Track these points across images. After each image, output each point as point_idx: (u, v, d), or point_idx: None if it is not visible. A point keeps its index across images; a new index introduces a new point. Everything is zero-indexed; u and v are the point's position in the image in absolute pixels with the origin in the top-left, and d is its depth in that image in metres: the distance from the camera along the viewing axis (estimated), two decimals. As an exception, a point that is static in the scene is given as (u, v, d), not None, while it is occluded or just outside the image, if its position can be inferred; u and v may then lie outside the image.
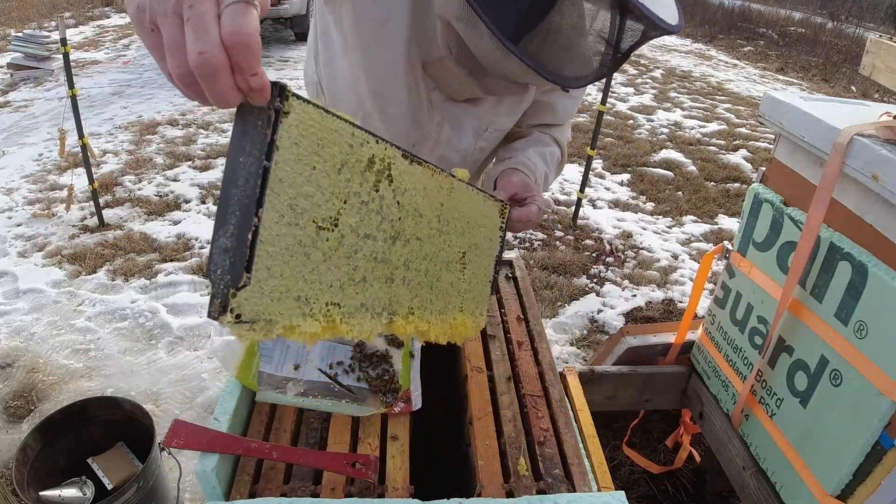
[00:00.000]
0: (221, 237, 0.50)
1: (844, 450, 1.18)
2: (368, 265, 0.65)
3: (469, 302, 0.85)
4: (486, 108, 1.03)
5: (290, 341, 0.86)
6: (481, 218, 0.83)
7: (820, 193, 1.19)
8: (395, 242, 0.68)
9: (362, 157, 0.61)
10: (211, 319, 0.50)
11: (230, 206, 0.50)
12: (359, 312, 0.66)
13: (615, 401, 1.86)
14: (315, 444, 0.79)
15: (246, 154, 0.50)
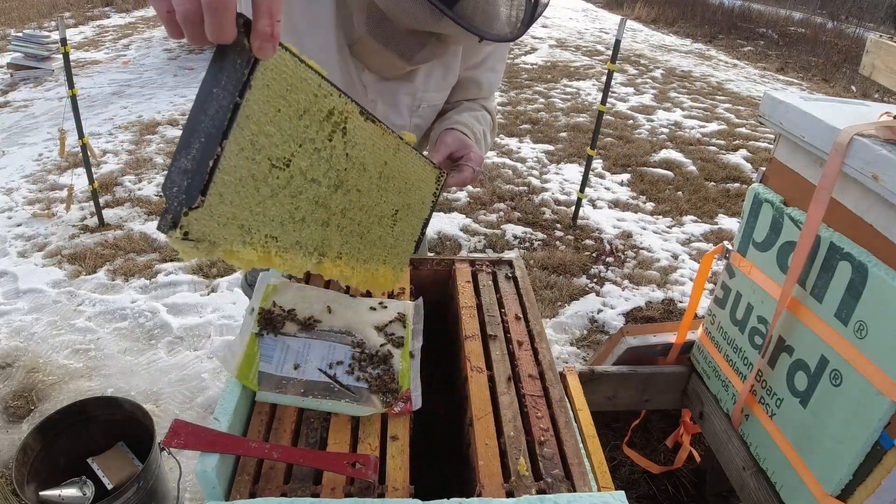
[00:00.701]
0: (183, 158, 0.53)
1: (844, 450, 1.18)
2: (309, 207, 0.71)
3: (393, 257, 0.93)
4: (418, 84, 1.09)
5: (290, 341, 0.86)
6: (419, 181, 0.90)
7: (820, 193, 1.19)
8: (336, 190, 0.74)
9: (324, 107, 0.67)
10: (160, 232, 0.54)
11: (196, 132, 0.53)
12: (293, 249, 0.72)
13: (615, 401, 1.86)
14: (315, 444, 0.79)
15: (220, 87, 0.53)
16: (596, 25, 11.23)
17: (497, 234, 3.66)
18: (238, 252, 0.63)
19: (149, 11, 10.25)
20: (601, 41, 9.72)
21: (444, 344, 1.10)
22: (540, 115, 6.00)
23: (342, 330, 0.90)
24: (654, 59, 8.98)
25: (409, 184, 0.88)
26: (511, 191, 4.26)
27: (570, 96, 6.73)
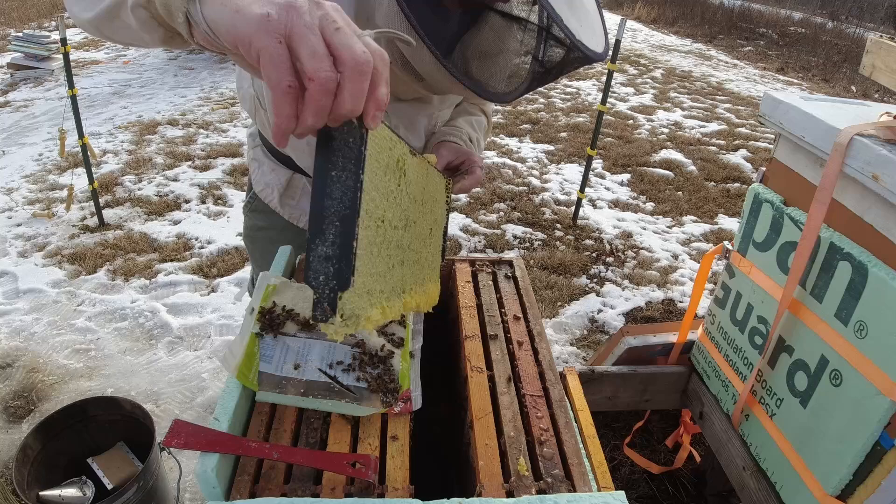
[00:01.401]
0: (321, 246, 0.53)
1: (844, 450, 1.18)
2: (395, 253, 0.73)
3: (434, 271, 0.96)
4: (435, 105, 1.09)
5: (290, 341, 0.86)
6: (439, 195, 0.94)
7: (820, 193, 1.19)
8: (406, 229, 0.76)
9: (394, 157, 0.69)
10: (318, 322, 0.55)
11: (327, 217, 0.53)
12: (393, 295, 0.73)
13: (615, 401, 1.86)
14: (315, 444, 0.79)
15: (339, 168, 0.53)
16: (596, 25, 11.21)
17: (497, 234, 3.66)
18: (370, 316, 0.63)
19: None
20: (601, 41, 9.70)
21: (444, 344, 1.10)
22: (540, 115, 6.00)
23: (342, 330, 0.90)
24: (654, 59, 8.98)
25: (435, 200, 0.92)
26: (511, 191, 4.26)
27: (570, 96, 6.73)
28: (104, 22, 0.61)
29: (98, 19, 0.61)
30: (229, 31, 0.45)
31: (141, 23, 0.55)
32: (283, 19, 0.44)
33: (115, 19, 0.60)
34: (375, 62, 0.46)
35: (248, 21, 0.44)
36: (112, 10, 0.59)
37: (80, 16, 0.63)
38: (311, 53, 0.43)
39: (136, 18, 0.55)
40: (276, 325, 0.88)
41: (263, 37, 0.43)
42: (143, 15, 0.55)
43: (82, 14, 0.63)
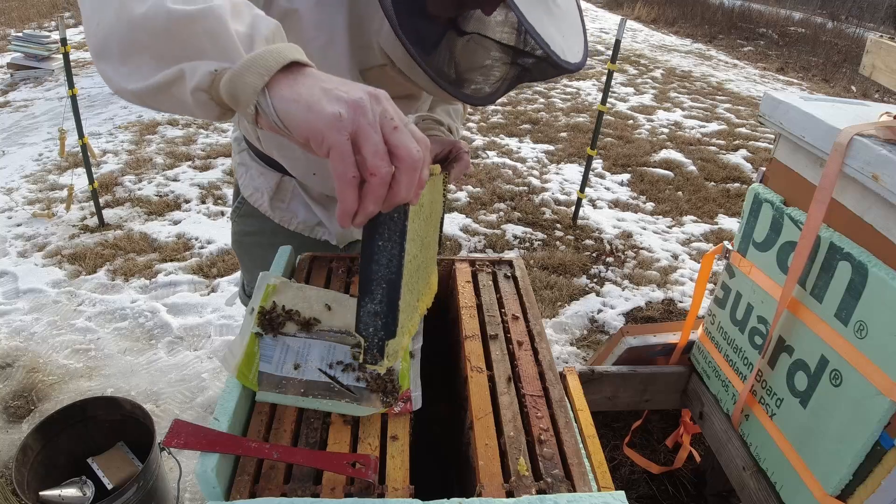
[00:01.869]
0: (369, 304, 0.63)
1: (844, 450, 1.18)
2: (416, 276, 0.76)
3: (433, 262, 0.98)
4: (422, 101, 1.13)
5: (290, 341, 0.86)
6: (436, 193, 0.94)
7: (819, 193, 1.19)
8: (422, 250, 0.79)
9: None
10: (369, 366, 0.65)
11: (375, 280, 0.62)
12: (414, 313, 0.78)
13: (615, 401, 1.86)
14: (315, 444, 0.79)
15: (385, 239, 0.61)
16: (596, 25, 11.23)
17: (497, 234, 3.66)
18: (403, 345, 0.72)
19: None
20: (601, 41, 9.72)
21: (444, 344, 1.10)
22: (540, 115, 6.00)
23: (342, 330, 0.90)
24: (654, 59, 8.98)
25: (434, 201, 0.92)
26: (511, 191, 4.26)
27: (570, 96, 6.73)
28: (152, 95, 0.58)
29: (146, 92, 0.58)
30: (302, 125, 0.49)
31: (199, 103, 0.55)
32: (352, 118, 0.49)
33: (164, 93, 0.57)
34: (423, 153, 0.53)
35: (322, 119, 0.49)
36: (164, 86, 0.57)
37: (124, 85, 0.59)
38: (373, 152, 0.50)
39: (195, 99, 0.55)
40: (276, 325, 0.88)
41: (335, 134, 0.49)
42: (204, 98, 0.55)
43: (126, 84, 0.58)
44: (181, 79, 0.54)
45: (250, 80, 0.50)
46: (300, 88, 0.51)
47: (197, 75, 0.52)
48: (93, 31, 0.59)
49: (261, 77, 0.50)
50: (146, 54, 0.57)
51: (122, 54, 0.58)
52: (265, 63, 0.50)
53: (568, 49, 0.76)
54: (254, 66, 0.50)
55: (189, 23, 0.53)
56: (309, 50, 0.89)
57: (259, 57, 0.51)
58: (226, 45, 0.52)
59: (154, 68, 0.56)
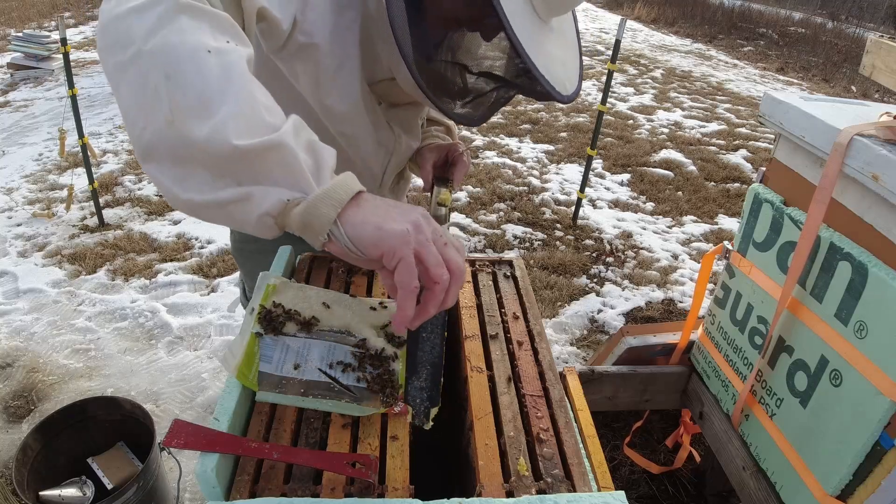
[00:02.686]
0: (416, 381, 0.79)
1: (844, 450, 1.18)
2: None
3: None
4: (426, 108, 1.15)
5: (290, 341, 0.86)
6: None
7: (819, 193, 1.19)
8: None
9: None
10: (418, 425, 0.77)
11: (421, 363, 0.81)
12: None
13: (615, 401, 1.86)
14: (315, 444, 0.79)
15: (429, 332, 0.81)
16: (596, 25, 11.23)
17: (497, 234, 3.66)
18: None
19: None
20: (601, 41, 9.72)
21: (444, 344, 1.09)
22: (540, 115, 6.00)
23: (342, 330, 0.90)
24: (654, 59, 8.98)
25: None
26: (511, 191, 4.26)
27: (570, 96, 6.72)
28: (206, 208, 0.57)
29: (201, 205, 0.57)
30: (375, 244, 0.55)
31: (263, 226, 0.57)
32: (415, 234, 0.56)
33: (222, 210, 0.57)
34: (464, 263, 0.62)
35: (392, 237, 0.55)
36: (224, 203, 0.56)
37: (176, 193, 0.57)
38: (436, 263, 0.57)
39: (260, 222, 0.56)
40: (276, 325, 0.88)
41: (404, 248, 0.55)
42: (270, 222, 0.57)
43: (179, 192, 0.56)
44: (247, 201, 0.55)
45: (325, 212, 0.54)
46: (366, 214, 0.56)
47: (268, 202, 0.55)
48: (137, 132, 0.56)
49: (334, 209, 0.54)
50: (203, 170, 0.56)
51: (175, 162, 0.56)
52: (337, 196, 0.55)
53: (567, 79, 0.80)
54: (327, 199, 0.54)
55: (260, 154, 0.54)
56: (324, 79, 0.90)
57: (332, 190, 0.55)
58: (298, 177, 0.55)
59: (211, 183, 0.56)
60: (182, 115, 0.54)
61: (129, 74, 0.56)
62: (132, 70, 0.56)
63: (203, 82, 0.55)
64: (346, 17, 0.85)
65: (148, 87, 0.55)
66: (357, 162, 1.05)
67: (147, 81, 0.55)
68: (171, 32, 0.56)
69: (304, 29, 0.82)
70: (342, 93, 0.93)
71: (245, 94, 0.56)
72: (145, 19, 0.56)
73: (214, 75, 0.55)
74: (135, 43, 0.56)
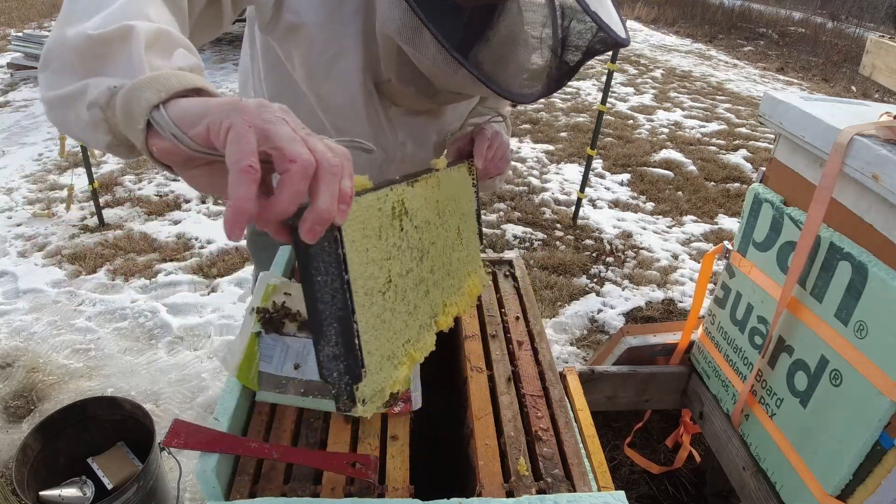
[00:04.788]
0: (326, 346, 0.55)
1: (844, 450, 1.18)
2: (413, 293, 0.71)
3: (470, 264, 0.90)
4: (446, 118, 1.06)
5: (290, 341, 0.86)
6: (460, 188, 0.88)
7: (819, 193, 1.19)
8: (422, 260, 0.74)
9: (387, 211, 0.65)
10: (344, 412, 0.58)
11: (324, 320, 0.54)
12: (421, 334, 0.72)
13: (615, 401, 1.86)
14: (315, 444, 0.79)
15: (323, 273, 0.53)
16: (596, 25, 11.21)
17: (497, 234, 3.66)
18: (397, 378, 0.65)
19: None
20: (601, 41, 9.69)
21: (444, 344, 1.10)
22: (540, 115, 6.00)
23: (342, 330, 0.90)
24: (654, 59, 8.98)
25: (456, 197, 0.86)
26: (511, 191, 4.26)
27: (570, 96, 6.73)
28: (59, 107, 0.55)
29: (56, 101, 0.55)
30: (200, 116, 0.43)
31: (93, 123, 0.51)
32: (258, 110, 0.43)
33: (68, 108, 0.54)
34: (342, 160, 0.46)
35: (222, 105, 0.43)
36: (67, 99, 0.54)
37: (43, 92, 0.57)
38: (289, 139, 0.42)
39: (90, 116, 0.51)
40: (277, 325, 0.88)
41: (236, 116, 0.42)
42: (98, 116, 0.51)
43: (44, 91, 0.57)
44: (83, 94, 0.51)
45: (147, 96, 0.45)
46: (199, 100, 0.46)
47: (98, 90, 0.49)
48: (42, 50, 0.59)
49: (158, 94, 0.45)
50: (62, 68, 0.56)
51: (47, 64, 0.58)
52: (166, 82, 0.46)
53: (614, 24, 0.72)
54: (154, 83, 0.46)
55: (107, 42, 0.52)
56: (316, 65, 0.87)
57: (160, 76, 0.46)
58: (133, 64, 0.49)
59: (62, 79, 0.55)
60: (66, 19, 0.56)
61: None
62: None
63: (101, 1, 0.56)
64: (346, 7, 0.82)
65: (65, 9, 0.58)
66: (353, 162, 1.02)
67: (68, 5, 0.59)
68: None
69: (290, 6, 0.80)
70: (338, 84, 0.89)
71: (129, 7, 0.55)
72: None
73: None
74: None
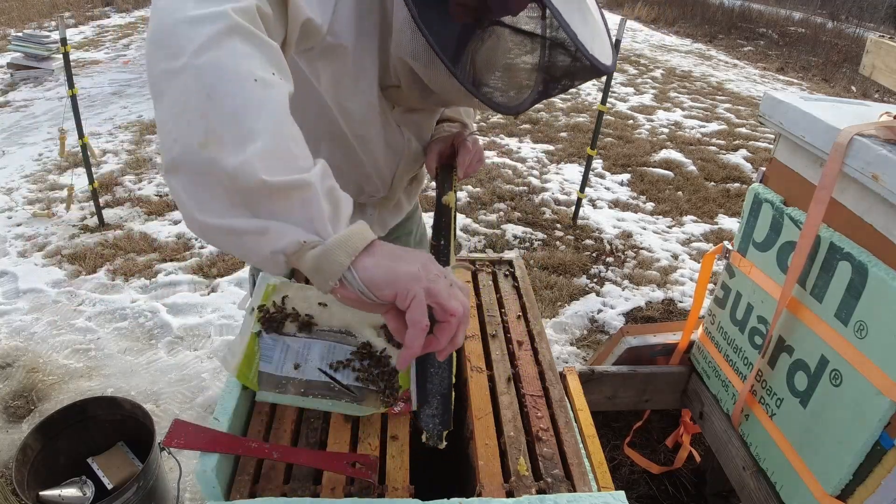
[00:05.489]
0: (428, 410, 0.79)
1: (844, 450, 1.18)
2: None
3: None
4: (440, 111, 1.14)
5: (290, 341, 0.86)
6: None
7: (820, 193, 1.19)
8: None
9: None
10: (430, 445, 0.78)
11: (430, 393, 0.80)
12: None
13: (615, 401, 1.86)
14: (315, 444, 0.79)
15: (436, 367, 0.81)
16: (596, 25, 11.21)
17: (497, 234, 3.66)
18: None
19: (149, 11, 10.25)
20: (601, 41, 9.69)
21: (444, 344, 1.10)
22: (540, 115, 6.00)
23: (342, 330, 0.90)
24: (654, 59, 8.98)
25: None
26: (511, 191, 4.26)
27: (570, 96, 6.73)
28: (219, 233, 0.58)
29: (214, 229, 0.57)
30: (389, 284, 0.56)
31: (274, 262, 0.57)
32: (425, 273, 0.58)
33: (235, 237, 0.57)
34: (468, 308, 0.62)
35: (406, 276, 0.57)
36: (239, 232, 0.56)
37: (191, 210, 0.57)
38: (447, 296, 0.58)
39: (272, 258, 0.57)
40: (276, 324, 0.88)
41: (416, 285, 0.56)
42: (281, 259, 0.57)
43: (196, 211, 0.57)
44: (263, 235, 0.56)
45: (340, 259, 0.55)
46: (379, 259, 0.57)
47: (284, 240, 0.55)
48: (168, 143, 0.57)
49: (348, 256, 0.56)
50: (224, 195, 0.56)
51: (198, 181, 0.56)
52: (353, 244, 0.56)
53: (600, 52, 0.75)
54: (344, 246, 0.56)
55: (285, 192, 0.55)
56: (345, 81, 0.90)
57: (348, 238, 0.57)
58: (317, 220, 0.56)
59: (230, 210, 0.56)
60: (216, 139, 0.54)
61: (173, 84, 0.56)
62: (177, 81, 0.56)
63: (243, 111, 0.55)
64: (369, 21, 0.86)
65: (189, 102, 0.55)
66: (368, 164, 1.05)
67: (189, 97, 0.56)
68: (222, 53, 0.56)
69: (333, 30, 0.82)
70: (361, 96, 0.93)
71: (281, 131, 0.57)
72: (199, 33, 0.56)
73: (255, 106, 0.56)
74: (185, 54, 0.56)
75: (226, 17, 0.57)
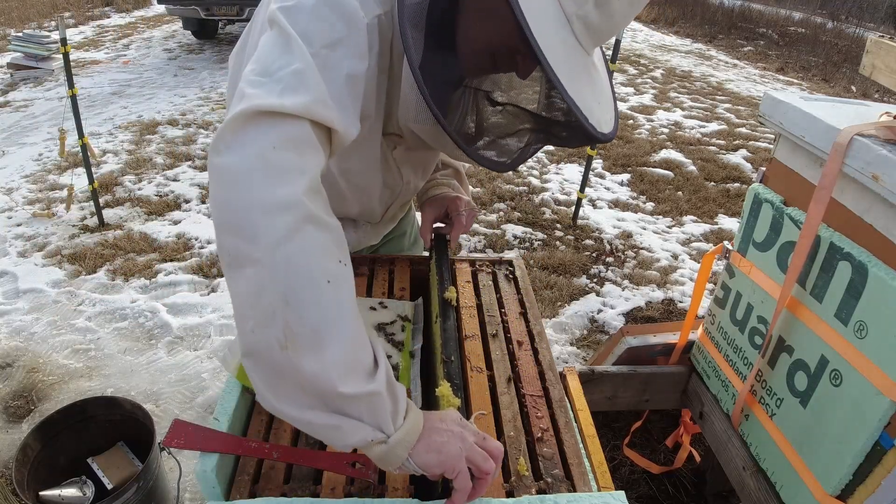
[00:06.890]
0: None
1: (844, 450, 1.18)
2: None
3: None
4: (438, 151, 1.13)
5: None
6: None
7: (820, 193, 1.19)
8: None
9: None
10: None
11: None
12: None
13: (615, 401, 1.86)
14: (315, 444, 0.79)
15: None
16: (596, 25, 11.20)
17: (497, 234, 3.66)
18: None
19: (149, 11, 10.25)
20: (601, 41, 9.69)
21: (444, 344, 1.09)
22: (540, 115, 5.99)
23: (342, 330, 0.90)
24: (654, 59, 8.98)
25: None
26: (511, 191, 4.26)
27: (570, 96, 6.72)
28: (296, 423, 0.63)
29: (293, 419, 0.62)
30: (439, 466, 0.66)
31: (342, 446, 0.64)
32: (464, 447, 0.67)
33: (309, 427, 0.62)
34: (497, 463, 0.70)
35: (451, 458, 0.66)
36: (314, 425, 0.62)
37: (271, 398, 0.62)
38: (484, 460, 0.67)
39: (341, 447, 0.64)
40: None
41: (460, 463, 0.66)
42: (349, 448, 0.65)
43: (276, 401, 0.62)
44: (336, 430, 0.62)
45: (400, 454, 0.65)
46: (429, 446, 0.66)
47: (355, 437, 0.62)
48: (247, 329, 0.60)
49: (406, 450, 0.65)
50: (299, 391, 0.61)
51: (275, 373, 0.61)
52: (409, 440, 0.65)
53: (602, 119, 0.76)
54: (403, 444, 0.65)
55: (357, 399, 0.61)
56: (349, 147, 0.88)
57: (406, 437, 0.65)
58: (382, 420, 0.63)
59: (304, 403, 0.61)
60: (295, 344, 0.58)
61: (248, 274, 0.59)
62: (253, 273, 0.59)
63: (319, 318, 0.59)
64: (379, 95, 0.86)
65: (264, 299, 0.59)
66: (363, 204, 1.06)
67: (264, 294, 0.59)
68: (297, 251, 0.59)
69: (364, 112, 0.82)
70: (363, 154, 0.94)
71: (352, 337, 0.62)
72: (275, 224, 0.58)
73: (330, 313, 0.60)
74: (259, 245, 0.58)
75: (300, 207, 0.59)
